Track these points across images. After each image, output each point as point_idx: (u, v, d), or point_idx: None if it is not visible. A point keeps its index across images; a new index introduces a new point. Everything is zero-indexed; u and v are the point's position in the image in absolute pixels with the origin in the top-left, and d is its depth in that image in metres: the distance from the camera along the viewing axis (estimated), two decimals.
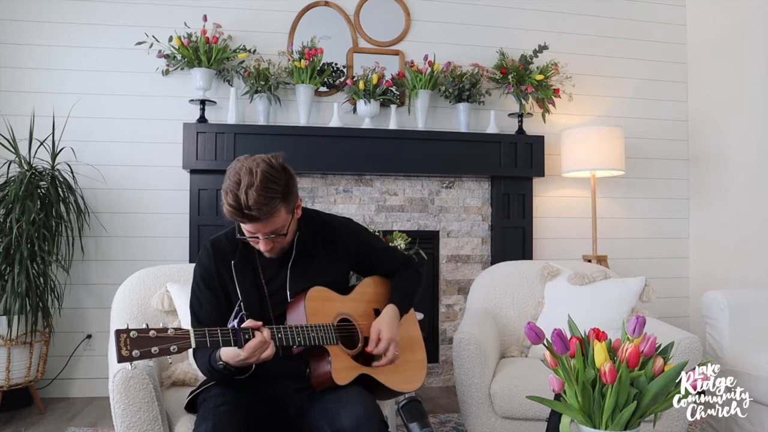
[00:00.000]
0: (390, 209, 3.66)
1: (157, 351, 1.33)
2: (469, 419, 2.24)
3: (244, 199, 1.49)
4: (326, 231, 1.80)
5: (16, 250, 2.96)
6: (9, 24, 3.39)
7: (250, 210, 1.49)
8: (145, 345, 1.32)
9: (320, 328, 1.61)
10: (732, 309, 2.54)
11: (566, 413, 1.31)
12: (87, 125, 3.41)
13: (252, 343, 1.45)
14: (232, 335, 1.44)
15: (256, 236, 1.59)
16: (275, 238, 1.60)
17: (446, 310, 3.70)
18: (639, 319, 1.33)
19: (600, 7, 4.06)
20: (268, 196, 1.51)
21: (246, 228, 1.59)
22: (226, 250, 1.71)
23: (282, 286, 1.70)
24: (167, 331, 1.36)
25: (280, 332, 1.53)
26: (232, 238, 1.72)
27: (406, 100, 3.71)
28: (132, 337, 1.31)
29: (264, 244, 1.60)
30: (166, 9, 3.51)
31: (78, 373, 3.40)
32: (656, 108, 4.10)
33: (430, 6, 3.83)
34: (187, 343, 1.37)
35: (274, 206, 1.52)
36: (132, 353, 1.30)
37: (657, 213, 4.09)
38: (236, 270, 1.68)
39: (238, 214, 1.51)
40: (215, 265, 1.69)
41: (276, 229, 1.58)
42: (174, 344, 1.35)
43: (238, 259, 1.70)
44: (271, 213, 1.52)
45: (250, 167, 1.52)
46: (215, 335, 1.42)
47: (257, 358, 1.47)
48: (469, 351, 2.21)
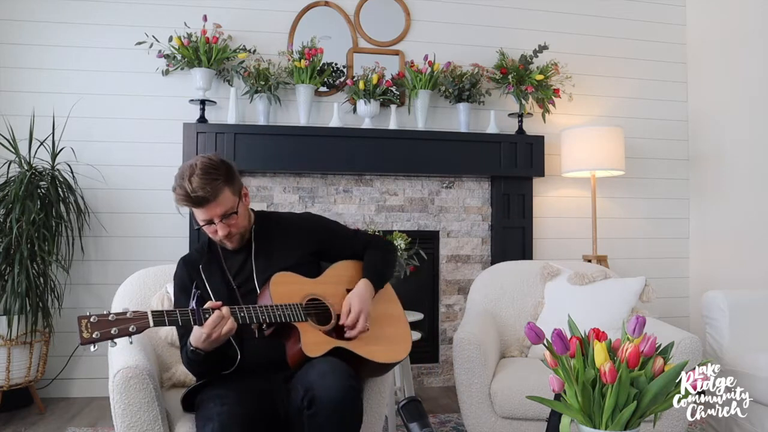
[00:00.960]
0: (390, 209, 3.66)
1: (117, 332, 1.41)
2: (469, 419, 2.24)
3: (188, 186, 1.64)
4: (282, 224, 1.89)
5: (16, 250, 2.96)
6: (9, 24, 3.39)
7: (196, 192, 1.63)
8: (104, 327, 1.41)
9: (286, 307, 1.64)
10: (732, 309, 2.54)
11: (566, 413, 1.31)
12: (87, 125, 3.41)
13: (211, 318, 1.52)
14: (191, 315, 1.52)
15: (211, 222, 1.70)
16: (229, 221, 1.71)
17: (446, 310, 3.70)
18: (639, 319, 1.33)
19: (600, 7, 4.06)
20: (210, 179, 1.66)
21: (199, 217, 1.71)
22: (194, 259, 1.85)
23: (249, 277, 1.78)
24: (126, 314, 1.44)
25: (242, 311, 1.59)
26: (199, 249, 1.87)
27: (406, 100, 3.71)
28: (92, 321, 1.40)
29: (221, 228, 1.71)
30: (166, 9, 3.51)
31: (78, 373, 3.40)
32: (656, 108, 4.10)
33: (430, 6, 3.83)
34: (145, 323, 1.45)
35: (217, 186, 1.66)
36: (93, 335, 1.39)
37: (657, 213, 4.09)
38: (204, 271, 1.79)
39: (186, 199, 1.65)
40: (188, 275, 1.81)
41: (226, 210, 1.69)
42: (132, 324, 1.44)
43: (205, 261, 1.82)
44: (216, 193, 1.66)
45: (190, 163, 1.70)
46: (173, 315, 1.50)
47: (219, 334, 1.53)
48: (469, 351, 2.21)
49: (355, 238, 1.97)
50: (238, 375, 1.66)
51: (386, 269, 1.94)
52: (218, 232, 1.71)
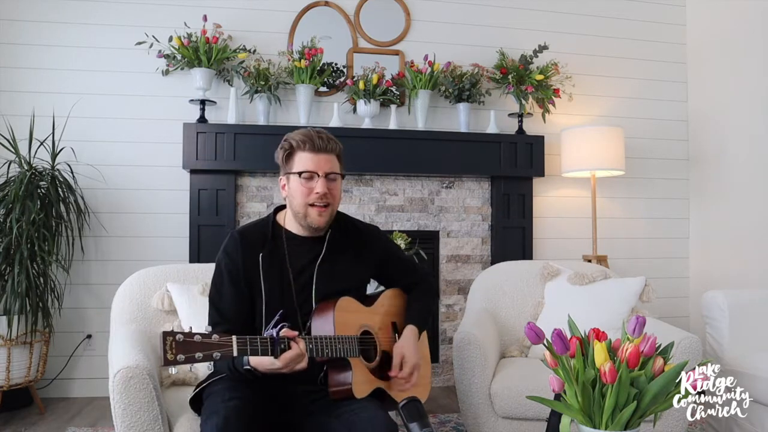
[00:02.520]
0: (390, 209, 3.66)
1: (201, 357, 1.32)
2: (469, 419, 2.24)
3: (313, 132, 1.68)
4: (356, 234, 1.82)
5: (16, 250, 2.95)
6: (9, 24, 3.39)
7: (321, 136, 1.67)
8: (190, 350, 1.31)
9: (346, 340, 1.60)
10: (732, 309, 2.54)
11: (566, 413, 1.31)
12: (87, 125, 3.41)
13: (288, 354, 1.44)
14: (269, 344, 1.43)
15: (315, 175, 1.65)
16: (330, 184, 1.68)
17: (446, 310, 3.70)
18: (639, 319, 1.33)
19: (600, 7, 4.06)
20: (333, 138, 1.71)
21: (307, 165, 1.66)
22: (255, 241, 1.70)
23: (308, 284, 1.70)
24: (211, 337, 1.34)
25: (311, 343, 1.52)
26: (262, 231, 1.73)
27: (406, 100, 3.71)
28: (178, 341, 1.30)
29: (321, 185, 1.65)
30: (166, 9, 3.51)
31: (78, 373, 3.40)
32: (656, 108, 4.10)
33: (430, 6, 3.83)
34: (229, 351, 1.36)
35: (336, 147, 1.71)
36: (177, 357, 1.29)
37: (657, 213, 4.09)
38: (263, 262, 1.67)
39: (309, 140, 1.66)
40: (242, 257, 1.67)
41: (335, 170, 1.69)
42: (217, 351, 1.34)
43: (267, 250, 1.69)
44: (335, 149, 1.70)
45: None
46: (255, 344, 1.41)
47: (291, 369, 1.46)
48: (469, 351, 2.21)
49: (413, 274, 1.94)
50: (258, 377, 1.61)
51: (429, 315, 1.93)
52: (317, 189, 1.64)
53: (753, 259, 3.52)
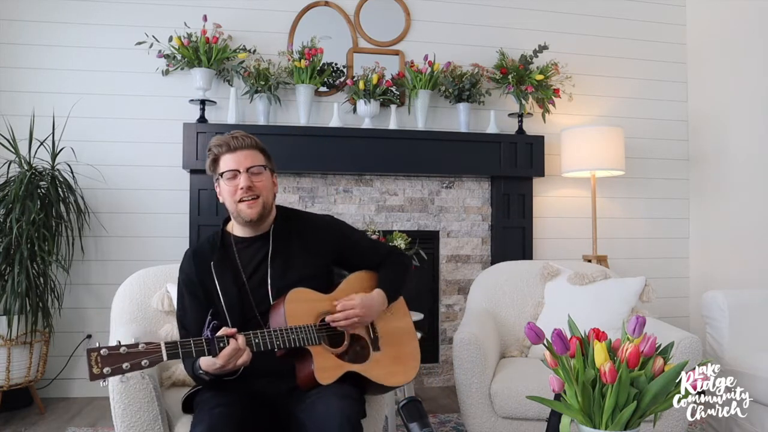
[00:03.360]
0: (390, 209, 3.66)
1: (129, 366, 1.35)
2: (469, 419, 2.24)
3: (229, 135, 1.72)
4: (303, 225, 1.83)
5: (16, 250, 2.95)
6: (9, 24, 3.39)
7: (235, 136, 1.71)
8: (116, 362, 1.34)
9: (300, 330, 1.61)
10: (732, 309, 2.54)
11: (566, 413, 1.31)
12: (87, 125, 3.41)
13: (226, 350, 1.47)
14: (205, 345, 1.46)
15: (237, 173, 1.68)
16: (255, 177, 1.70)
17: (446, 310, 3.70)
18: (639, 319, 1.33)
19: (600, 7, 4.06)
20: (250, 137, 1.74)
21: (227, 166, 1.70)
22: (206, 252, 1.76)
23: (263, 281, 1.72)
24: (138, 346, 1.38)
25: (257, 337, 1.54)
26: (211, 242, 1.78)
27: (406, 100, 3.70)
28: (103, 355, 1.34)
29: (244, 179, 1.68)
30: (166, 9, 3.51)
31: (78, 373, 3.40)
32: (656, 108, 4.10)
33: (430, 6, 3.83)
34: (158, 356, 1.40)
35: (254, 143, 1.74)
36: (103, 370, 1.33)
37: (657, 213, 4.09)
38: (216, 269, 1.71)
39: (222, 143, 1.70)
40: (196, 270, 1.73)
41: (255, 163, 1.71)
42: (145, 358, 1.37)
43: (217, 258, 1.73)
44: (253, 145, 1.73)
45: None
46: (188, 346, 1.44)
47: (233, 365, 1.49)
48: (469, 351, 2.21)
49: (375, 251, 1.91)
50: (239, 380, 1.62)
51: (402, 283, 1.89)
52: (240, 184, 1.67)
53: (753, 259, 3.52)
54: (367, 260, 1.89)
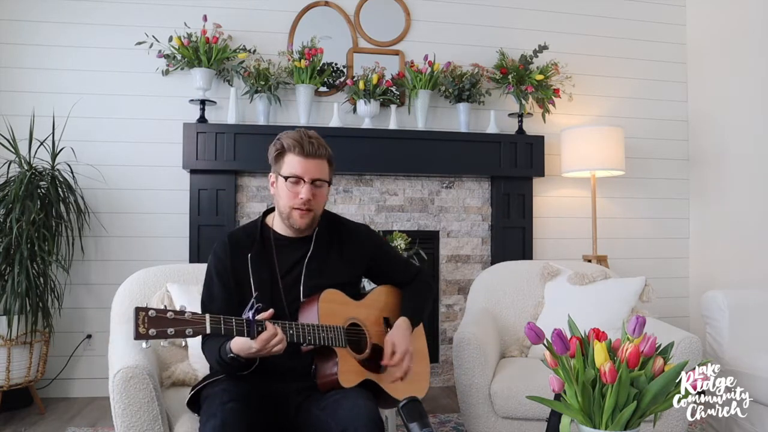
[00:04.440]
0: (390, 209, 3.66)
1: (173, 332, 1.36)
2: (469, 419, 2.24)
3: (305, 135, 1.67)
4: (344, 232, 1.84)
5: (16, 250, 2.95)
6: (9, 24, 3.39)
7: (312, 142, 1.66)
8: (161, 325, 1.35)
9: (331, 329, 1.62)
10: (732, 309, 2.54)
11: (566, 413, 1.31)
12: (87, 125, 3.41)
13: (264, 335, 1.47)
14: (245, 326, 1.46)
15: (301, 180, 1.66)
16: (316, 190, 1.68)
17: (446, 310, 3.70)
18: (639, 319, 1.33)
19: (600, 7, 4.06)
20: (323, 144, 1.70)
21: (295, 170, 1.66)
22: (243, 243, 1.75)
23: (296, 281, 1.72)
24: (184, 315, 1.39)
25: (292, 329, 1.55)
26: (250, 233, 1.77)
27: (406, 100, 3.70)
28: (150, 316, 1.34)
29: (306, 191, 1.66)
30: (166, 9, 3.51)
31: (78, 373, 3.40)
32: (656, 108, 4.10)
33: (430, 6, 3.83)
34: (202, 328, 1.41)
35: (326, 152, 1.70)
36: (149, 332, 1.34)
37: (657, 213, 4.09)
38: (252, 263, 1.71)
39: (298, 143, 1.65)
40: (231, 259, 1.72)
41: (322, 176, 1.69)
42: (190, 327, 1.39)
43: (255, 251, 1.73)
44: (324, 155, 1.69)
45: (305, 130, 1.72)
46: (230, 323, 1.45)
47: (268, 351, 1.49)
48: (469, 351, 2.21)
49: (405, 271, 1.94)
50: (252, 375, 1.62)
51: (426, 309, 1.93)
52: (302, 194, 1.66)
53: (753, 259, 3.52)
54: (396, 276, 1.92)
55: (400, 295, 1.91)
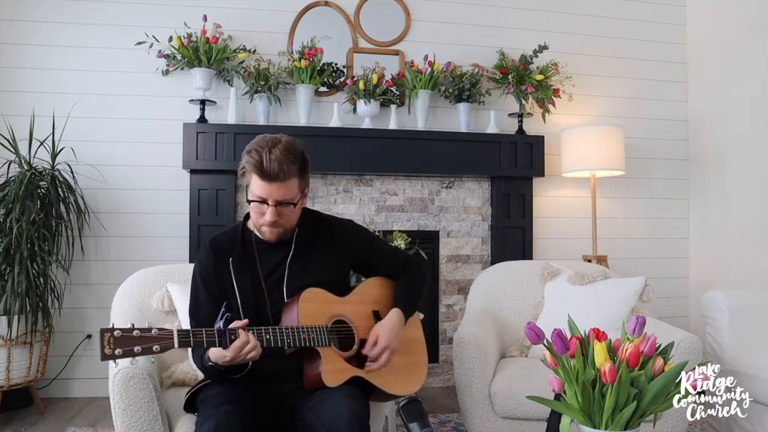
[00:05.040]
0: (390, 209, 3.66)
1: (140, 350, 1.37)
2: (469, 419, 2.24)
3: (266, 156, 1.57)
4: (325, 229, 1.81)
5: (16, 250, 2.95)
6: (9, 24, 3.39)
7: (271, 164, 1.57)
8: (128, 344, 1.37)
9: (311, 330, 1.61)
10: (732, 309, 2.54)
11: (566, 413, 1.31)
12: (87, 125, 3.41)
13: (236, 343, 1.47)
14: (216, 336, 1.46)
15: (264, 202, 1.62)
16: (283, 210, 1.63)
17: (446, 310, 3.70)
18: (639, 319, 1.33)
19: (600, 7, 4.06)
20: (289, 160, 1.60)
21: (257, 192, 1.62)
22: (226, 247, 1.74)
23: (279, 282, 1.71)
24: (151, 331, 1.40)
25: (268, 333, 1.54)
26: (231, 237, 1.76)
27: (406, 100, 3.70)
28: (116, 336, 1.36)
29: (270, 213, 1.62)
30: (166, 9, 3.51)
31: (78, 373, 3.40)
32: (656, 108, 4.10)
33: (430, 6, 3.83)
34: (170, 343, 1.41)
35: (292, 170, 1.61)
36: (115, 351, 1.35)
37: (657, 213, 4.09)
38: (234, 266, 1.70)
39: (258, 167, 1.58)
40: (213, 264, 1.71)
41: (286, 198, 1.62)
42: (157, 344, 1.39)
43: (237, 255, 1.72)
44: (288, 176, 1.60)
45: (275, 136, 1.66)
46: (199, 336, 1.46)
47: (243, 359, 1.49)
48: (469, 351, 2.21)
49: (393, 259, 1.91)
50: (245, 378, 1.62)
51: (419, 298, 1.88)
52: (266, 216, 1.63)
53: (753, 259, 3.52)
54: (386, 268, 1.89)
55: (392, 286, 1.88)
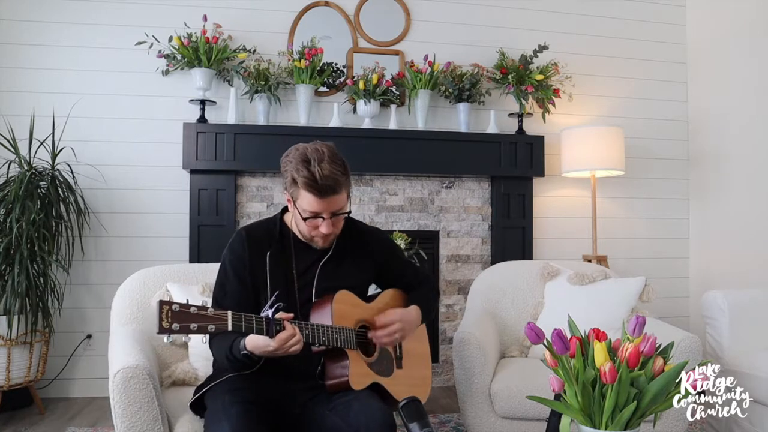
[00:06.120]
0: (390, 209, 3.66)
1: (196, 327, 1.35)
2: (469, 419, 2.24)
3: (318, 171, 1.54)
4: (358, 236, 1.83)
5: (16, 250, 2.95)
6: (9, 24, 3.39)
7: (325, 180, 1.55)
8: (185, 320, 1.34)
9: (343, 331, 1.62)
10: (732, 309, 2.54)
11: (566, 413, 1.31)
12: (87, 125, 3.41)
13: (283, 334, 1.46)
14: (265, 324, 1.45)
15: (319, 216, 1.61)
16: (337, 219, 1.64)
17: (446, 310, 3.70)
18: (639, 319, 1.33)
19: (600, 7, 4.06)
20: (338, 170, 1.58)
21: (312, 207, 1.59)
22: (262, 240, 1.73)
23: (310, 282, 1.72)
24: (207, 310, 1.38)
25: (307, 329, 1.55)
26: (268, 230, 1.74)
27: (406, 100, 3.70)
28: (174, 311, 1.33)
29: (327, 226, 1.62)
30: (166, 9, 3.51)
31: (78, 373, 3.40)
32: (656, 108, 4.10)
33: (430, 6, 3.83)
34: (224, 324, 1.39)
35: (342, 181, 1.59)
36: (172, 326, 1.33)
37: (657, 213, 4.09)
38: (271, 261, 1.69)
39: (312, 185, 1.55)
40: (249, 254, 1.69)
41: (341, 208, 1.62)
42: (212, 324, 1.37)
43: (275, 250, 1.71)
44: (342, 185, 1.59)
45: (316, 147, 1.60)
46: (251, 321, 1.44)
47: (285, 351, 1.48)
48: (469, 351, 2.21)
49: (413, 275, 1.95)
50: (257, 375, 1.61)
51: (431, 311, 1.93)
52: (322, 229, 1.62)
53: (753, 259, 3.52)
54: (405, 280, 1.93)
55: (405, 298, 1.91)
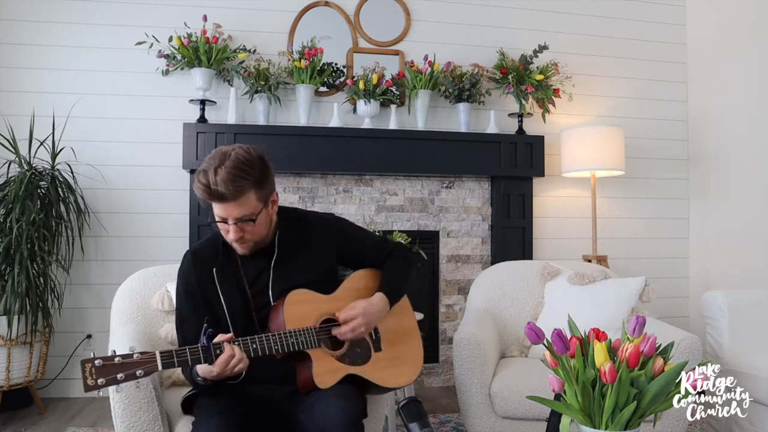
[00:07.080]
0: (390, 209, 3.66)
1: (123, 377, 1.35)
2: (469, 419, 2.24)
3: (211, 178, 1.50)
4: (307, 228, 1.77)
5: (16, 250, 2.95)
6: (9, 24, 3.39)
7: (216, 186, 1.49)
8: (110, 372, 1.34)
9: (299, 333, 1.59)
10: (732, 309, 2.54)
11: (566, 413, 1.31)
12: (87, 125, 3.41)
13: (221, 357, 1.45)
14: (201, 352, 1.44)
15: (225, 221, 1.57)
16: (244, 226, 1.57)
17: (446, 310, 3.70)
18: (639, 319, 1.33)
19: (600, 7, 4.06)
20: (237, 176, 1.51)
21: (216, 211, 1.57)
22: (207, 257, 1.70)
23: (264, 288, 1.68)
24: (133, 356, 1.37)
25: (254, 342, 1.52)
26: (212, 246, 1.71)
27: (406, 100, 3.70)
28: (97, 366, 1.33)
29: (233, 231, 1.57)
30: (166, 9, 3.51)
31: (78, 373, 3.35)
32: (656, 108, 4.10)
33: (430, 6, 3.83)
34: (153, 366, 1.39)
35: (242, 187, 1.52)
36: (98, 381, 1.32)
37: (657, 213, 4.09)
38: (218, 276, 1.67)
39: (204, 191, 1.52)
40: (196, 275, 1.68)
41: (243, 215, 1.55)
42: (140, 369, 1.37)
43: (220, 264, 1.68)
44: (239, 193, 1.52)
45: (225, 150, 1.56)
46: (183, 354, 1.43)
47: (230, 372, 1.47)
48: (469, 351, 2.21)
49: (377, 249, 1.85)
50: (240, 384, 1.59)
51: (404, 283, 1.83)
52: (230, 235, 1.59)
53: (753, 259, 3.52)
54: (371, 259, 1.85)
55: (379, 276, 1.84)
